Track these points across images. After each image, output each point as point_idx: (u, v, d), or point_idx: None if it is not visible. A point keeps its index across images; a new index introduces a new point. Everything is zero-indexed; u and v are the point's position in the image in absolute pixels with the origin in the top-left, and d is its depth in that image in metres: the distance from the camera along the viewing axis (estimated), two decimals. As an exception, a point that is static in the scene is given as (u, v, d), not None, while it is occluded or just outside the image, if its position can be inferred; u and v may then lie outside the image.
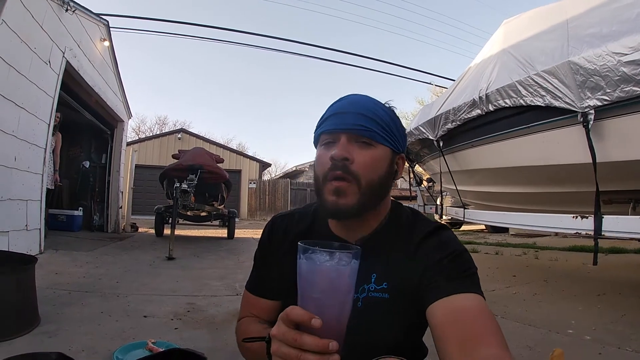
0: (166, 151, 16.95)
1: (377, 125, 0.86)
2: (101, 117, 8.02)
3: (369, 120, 0.85)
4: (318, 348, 0.57)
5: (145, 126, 33.96)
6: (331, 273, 0.61)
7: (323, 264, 0.61)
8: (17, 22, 3.97)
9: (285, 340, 0.60)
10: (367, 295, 0.87)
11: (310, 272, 0.62)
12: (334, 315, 0.61)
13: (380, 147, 0.87)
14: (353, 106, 0.87)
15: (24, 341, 2.17)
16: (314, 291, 0.61)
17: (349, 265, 0.62)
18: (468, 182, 4.95)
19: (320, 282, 0.61)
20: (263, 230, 1.05)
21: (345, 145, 0.84)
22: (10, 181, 4.05)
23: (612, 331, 2.65)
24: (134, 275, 4.18)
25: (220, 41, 19.40)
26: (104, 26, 7.11)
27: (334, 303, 0.61)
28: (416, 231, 0.90)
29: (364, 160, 0.84)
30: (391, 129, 0.88)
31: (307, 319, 0.58)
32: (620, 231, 2.66)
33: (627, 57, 2.38)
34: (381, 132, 0.86)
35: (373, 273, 0.88)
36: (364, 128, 0.84)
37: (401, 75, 30.13)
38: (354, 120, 0.85)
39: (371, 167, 0.84)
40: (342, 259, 0.62)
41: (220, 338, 2.46)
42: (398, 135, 0.91)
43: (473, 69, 4.50)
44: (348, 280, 0.62)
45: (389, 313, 0.85)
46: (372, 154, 0.85)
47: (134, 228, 9.22)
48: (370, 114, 0.86)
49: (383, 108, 0.90)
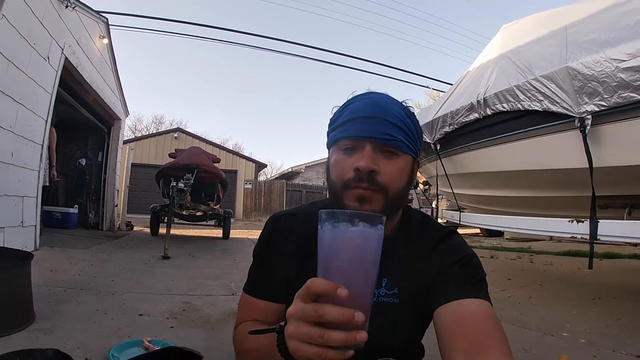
0: (162, 150, 16.92)
1: (403, 134, 0.82)
2: (98, 114, 7.99)
3: (396, 128, 0.81)
4: (344, 317, 0.51)
5: (141, 125, 33.87)
6: (357, 238, 0.57)
7: (349, 229, 0.57)
8: (17, 18, 3.96)
9: (305, 316, 0.53)
10: (377, 300, 0.86)
11: (335, 238, 0.57)
12: (358, 287, 0.56)
13: (404, 156, 0.83)
14: (378, 111, 0.81)
15: (19, 337, 2.16)
16: (339, 259, 0.57)
17: (376, 231, 0.58)
18: (464, 185, 4.98)
19: (346, 249, 0.57)
20: (264, 228, 1.00)
21: (371, 155, 0.79)
22: (6, 177, 4.03)
23: (607, 335, 2.67)
24: (129, 273, 4.17)
25: (218, 41, 19.44)
26: (104, 23, 7.10)
27: (359, 273, 0.57)
28: (428, 236, 0.90)
29: (391, 171, 0.80)
30: (414, 136, 0.85)
31: (333, 289, 0.52)
32: (615, 236, 2.68)
33: (625, 64, 2.41)
34: (406, 141, 0.83)
35: (384, 278, 0.87)
36: (392, 138, 0.80)
37: (398, 78, 30.12)
38: (382, 128, 0.80)
39: (398, 178, 0.82)
40: (367, 225, 0.57)
41: (216, 337, 2.45)
42: (418, 141, 0.88)
43: (471, 73, 4.53)
44: (374, 246, 0.58)
45: (398, 318, 0.86)
46: (397, 165, 0.82)
47: (129, 226, 9.19)
48: (396, 121, 0.81)
49: (406, 112, 0.86)
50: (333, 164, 0.85)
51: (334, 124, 0.86)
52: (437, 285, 0.81)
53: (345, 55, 23.82)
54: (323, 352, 0.52)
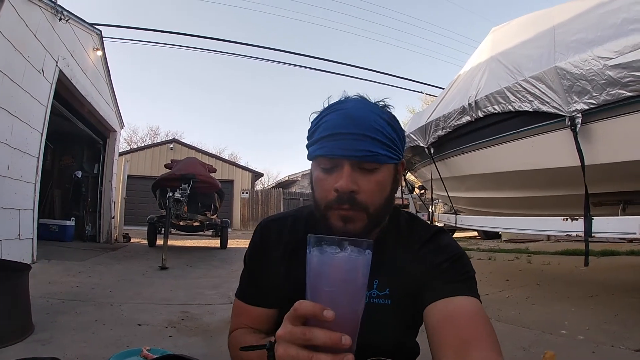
0: (158, 161, 16.89)
1: (382, 146, 0.79)
2: (94, 126, 8.01)
3: (374, 142, 0.78)
4: (331, 340, 0.52)
5: (137, 136, 33.79)
6: (345, 264, 0.58)
7: (336, 255, 0.58)
8: (11, 31, 3.99)
9: (293, 338, 0.54)
10: (369, 301, 0.86)
11: (322, 264, 0.58)
12: (346, 310, 0.57)
13: (385, 167, 0.81)
14: (354, 125, 0.78)
15: (18, 349, 2.15)
16: (326, 284, 0.58)
17: (363, 256, 0.59)
18: (459, 188, 5.00)
19: (333, 274, 0.58)
20: (254, 234, 1.00)
21: (349, 174, 0.77)
22: (2, 190, 4.03)
23: (606, 330, 2.67)
24: (127, 284, 4.16)
25: (212, 51, 19.60)
26: (97, 36, 7.14)
27: (346, 296, 0.58)
28: (416, 236, 0.90)
29: (370, 188, 0.79)
30: (394, 141, 0.82)
31: (319, 311, 0.53)
32: (609, 232, 2.71)
33: (612, 61, 2.45)
34: (386, 151, 0.79)
35: (375, 279, 0.88)
36: (370, 153, 0.77)
37: (393, 85, 30.22)
38: (358, 145, 0.77)
39: (377, 193, 0.80)
40: (354, 250, 0.58)
41: (214, 345, 2.45)
42: (400, 144, 0.85)
43: (462, 77, 4.57)
44: (361, 271, 0.59)
45: (390, 318, 0.86)
46: (377, 179, 0.80)
47: (126, 238, 9.15)
48: (374, 133, 0.78)
49: (384, 117, 0.82)
50: (314, 182, 0.84)
51: (312, 139, 0.84)
52: (426, 284, 0.81)
53: (340, 63, 24.08)
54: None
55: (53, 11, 5.02)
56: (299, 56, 30.73)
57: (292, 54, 14.93)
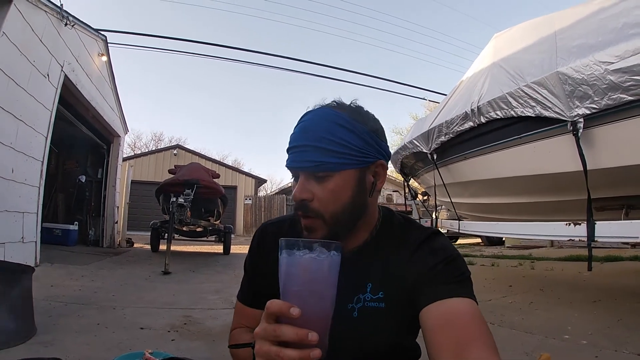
0: (162, 167, 16.92)
1: (331, 154, 0.79)
2: (98, 131, 8.06)
3: (322, 151, 0.79)
4: (297, 336, 0.56)
5: (141, 142, 33.92)
6: (311, 264, 0.61)
7: (302, 256, 0.62)
8: (17, 35, 4.04)
9: (266, 335, 0.59)
10: (363, 305, 0.86)
11: (290, 265, 0.62)
12: (314, 309, 0.61)
13: (341, 173, 0.81)
14: (305, 137, 0.81)
15: (20, 350, 2.16)
16: (294, 284, 0.62)
17: (329, 257, 0.62)
18: (462, 194, 4.99)
19: (300, 275, 0.61)
20: (252, 237, 1.03)
21: (302, 184, 0.81)
22: (7, 193, 4.06)
23: (609, 335, 2.66)
24: (130, 288, 4.17)
25: (217, 58, 19.72)
26: (102, 41, 7.20)
27: (314, 296, 0.61)
28: (410, 238, 0.89)
29: (323, 196, 0.80)
30: (353, 146, 0.81)
31: (286, 308, 0.58)
32: (612, 236, 2.70)
33: (613, 66, 2.45)
34: (339, 159, 0.80)
35: (369, 283, 0.87)
36: (317, 163, 0.79)
37: (396, 92, 30.47)
38: (306, 155, 0.80)
39: (333, 200, 0.81)
40: (322, 251, 0.62)
41: (217, 349, 2.45)
42: (365, 146, 0.83)
43: (465, 83, 4.58)
44: (327, 271, 0.63)
45: (385, 322, 0.85)
46: (331, 187, 0.81)
47: (129, 243, 9.17)
48: (323, 143, 0.79)
49: (342, 122, 0.81)
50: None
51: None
52: (421, 287, 0.81)
53: (344, 70, 24.10)
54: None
55: (59, 16, 5.07)
56: (303, 63, 30.83)
57: (297, 61, 15.03)
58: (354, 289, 0.87)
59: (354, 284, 0.87)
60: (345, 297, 0.86)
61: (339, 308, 0.84)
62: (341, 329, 0.84)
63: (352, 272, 0.86)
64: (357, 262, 0.88)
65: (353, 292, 0.87)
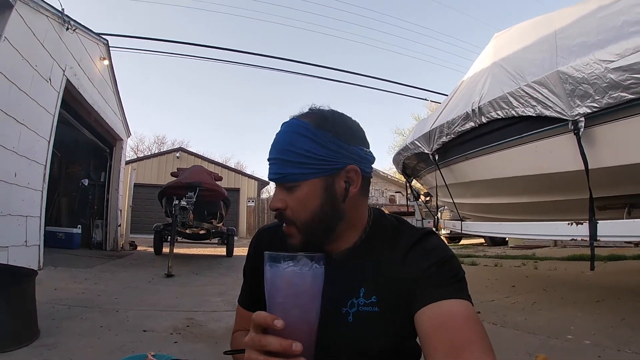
0: (165, 170, 16.94)
1: (293, 165, 0.82)
2: (100, 135, 8.09)
3: (285, 163, 0.83)
4: (281, 347, 0.59)
5: (143, 145, 34.02)
6: (294, 277, 0.63)
7: (285, 269, 0.64)
8: (19, 40, 4.07)
9: (253, 345, 0.62)
10: (357, 310, 0.86)
11: (275, 277, 0.64)
12: (298, 319, 0.63)
13: (308, 182, 0.83)
14: (274, 150, 0.86)
15: (23, 353, 2.18)
16: (279, 296, 0.64)
17: (311, 269, 0.64)
18: (464, 194, 4.98)
19: (284, 287, 0.63)
20: (250, 243, 1.05)
21: (276, 194, 0.86)
22: (10, 196, 4.08)
23: (612, 335, 2.66)
24: (133, 291, 4.18)
25: (219, 60, 19.77)
26: (104, 45, 7.23)
27: (297, 308, 0.63)
28: (402, 240, 0.88)
29: (293, 204, 0.84)
30: (316, 155, 0.82)
31: (270, 321, 0.60)
32: (615, 235, 2.69)
33: (613, 64, 2.44)
34: (302, 169, 0.82)
35: (361, 287, 0.86)
36: (281, 175, 0.84)
37: (398, 92, 30.45)
38: (274, 168, 0.85)
39: (301, 209, 0.83)
40: (305, 263, 0.64)
41: (219, 352, 2.44)
42: (329, 154, 0.83)
43: (465, 83, 4.57)
44: (311, 283, 0.64)
45: (380, 326, 0.85)
46: (297, 196, 0.83)
47: (132, 246, 9.19)
48: (285, 155, 0.83)
49: (304, 132, 0.83)
50: None
51: None
52: (415, 290, 0.80)
53: (346, 71, 23.94)
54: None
55: (60, 21, 5.10)
56: (306, 65, 30.85)
57: (299, 63, 15.01)
58: (348, 293, 0.87)
59: (347, 288, 0.87)
60: (340, 301, 0.86)
61: (333, 312, 0.85)
62: (337, 333, 0.84)
63: (344, 276, 0.87)
64: (348, 264, 0.88)
65: (347, 297, 0.87)
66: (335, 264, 0.87)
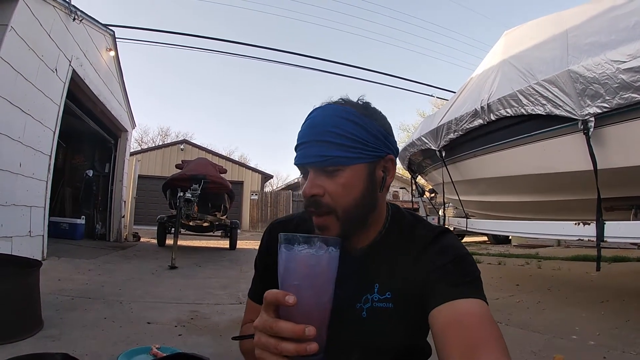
0: (169, 162, 17.01)
1: (341, 148, 0.79)
2: (105, 126, 8.09)
3: (331, 145, 0.79)
4: (294, 332, 0.57)
5: (147, 137, 34.10)
6: (310, 259, 0.62)
7: (301, 251, 0.63)
8: (25, 30, 4.05)
9: (264, 328, 0.60)
10: (371, 305, 0.86)
11: (289, 260, 0.63)
12: (312, 302, 0.62)
13: (351, 167, 0.81)
14: (312, 133, 0.81)
15: (27, 344, 2.18)
16: (293, 278, 0.63)
17: (327, 253, 0.63)
18: (470, 192, 4.96)
19: (299, 269, 0.62)
20: (262, 236, 1.03)
21: (312, 179, 0.81)
22: (15, 187, 4.09)
23: (617, 336, 2.65)
24: (136, 283, 4.19)
25: (224, 53, 19.64)
26: (110, 36, 7.22)
27: (312, 290, 0.62)
28: (418, 237, 0.88)
29: (334, 190, 0.80)
30: (363, 140, 0.81)
31: (281, 297, 0.58)
32: (622, 237, 2.67)
33: (625, 65, 2.41)
34: (349, 153, 0.80)
35: (376, 283, 0.86)
36: (326, 158, 0.79)
37: (403, 88, 30.32)
38: (316, 150, 0.80)
39: (344, 195, 0.80)
40: (321, 247, 0.63)
41: (224, 344, 2.46)
42: (374, 141, 0.83)
43: (474, 80, 4.54)
44: (326, 267, 0.63)
45: (394, 322, 0.85)
46: (342, 181, 0.80)
47: (136, 237, 9.22)
48: (332, 137, 0.79)
49: (350, 118, 0.81)
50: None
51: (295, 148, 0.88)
52: (430, 287, 0.79)
53: (352, 66, 23.88)
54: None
55: (67, 11, 5.08)
56: (311, 59, 30.76)
57: (305, 57, 14.90)
58: (362, 289, 0.86)
59: (362, 283, 0.86)
60: (354, 296, 0.85)
61: (347, 308, 0.84)
62: (350, 329, 0.84)
63: (360, 272, 0.86)
64: (366, 261, 0.87)
65: (361, 292, 0.86)
66: (353, 259, 0.86)
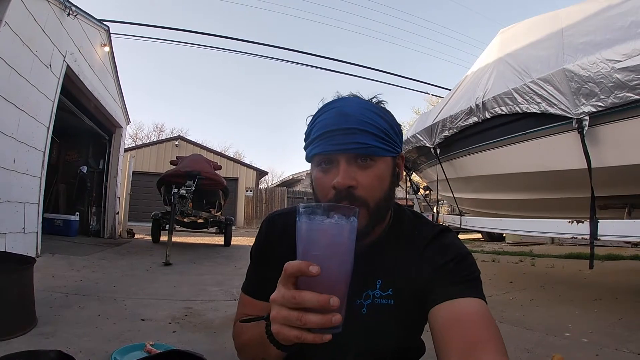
0: (163, 158, 16.95)
1: (376, 138, 0.79)
2: (100, 122, 8.04)
3: (368, 135, 0.78)
4: (319, 302, 0.55)
5: (142, 133, 33.93)
6: (331, 229, 0.62)
7: (323, 221, 0.62)
8: (19, 25, 4.01)
9: (284, 301, 0.57)
10: (372, 302, 0.86)
11: (311, 230, 0.62)
12: (334, 271, 0.61)
13: (382, 160, 0.81)
14: (345, 121, 0.79)
15: (21, 341, 2.16)
16: (315, 249, 0.61)
17: (348, 222, 0.63)
18: (465, 189, 4.98)
19: (321, 239, 0.62)
20: (260, 228, 1.01)
21: (346, 170, 0.78)
22: (8, 183, 4.06)
23: (610, 334, 2.67)
24: (131, 279, 4.17)
25: (220, 49, 19.52)
26: (105, 32, 7.16)
27: (334, 259, 0.61)
28: (420, 235, 0.89)
29: (369, 182, 0.79)
30: (389, 134, 0.82)
31: (305, 267, 0.56)
32: (615, 235, 2.69)
33: (620, 64, 2.43)
34: (381, 143, 0.80)
35: (378, 279, 0.87)
36: (364, 146, 0.78)
37: (398, 85, 30.32)
38: (351, 138, 0.77)
39: (377, 188, 0.80)
40: (341, 217, 0.63)
41: (218, 341, 2.45)
42: (395, 137, 0.84)
43: (470, 77, 4.55)
44: (347, 236, 0.63)
45: (394, 319, 0.85)
46: (375, 173, 0.80)
47: (130, 234, 9.19)
48: (365, 127, 0.78)
49: (376, 111, 0.82)
50: (314, 182, 0.85)
51: (308, 139, 0.85)
52: (430, 285, 0.80)
53: (346, 62, 23.88)
54: (302, 335, 0.57)
55: (61, 6, 5.04)
56: (306, 55, 30.67)
57: (300, 53, 14.84)
58: (363, 285, 0.86)
59: (364, 279, 0.86)
60: (354, 292, 0.84)
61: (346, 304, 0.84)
62: (350, 325, 0.84)
63: (363, 268, 0.85)
64: (369, 257, 0.87)
65: (362, 288, 0.86)
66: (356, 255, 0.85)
